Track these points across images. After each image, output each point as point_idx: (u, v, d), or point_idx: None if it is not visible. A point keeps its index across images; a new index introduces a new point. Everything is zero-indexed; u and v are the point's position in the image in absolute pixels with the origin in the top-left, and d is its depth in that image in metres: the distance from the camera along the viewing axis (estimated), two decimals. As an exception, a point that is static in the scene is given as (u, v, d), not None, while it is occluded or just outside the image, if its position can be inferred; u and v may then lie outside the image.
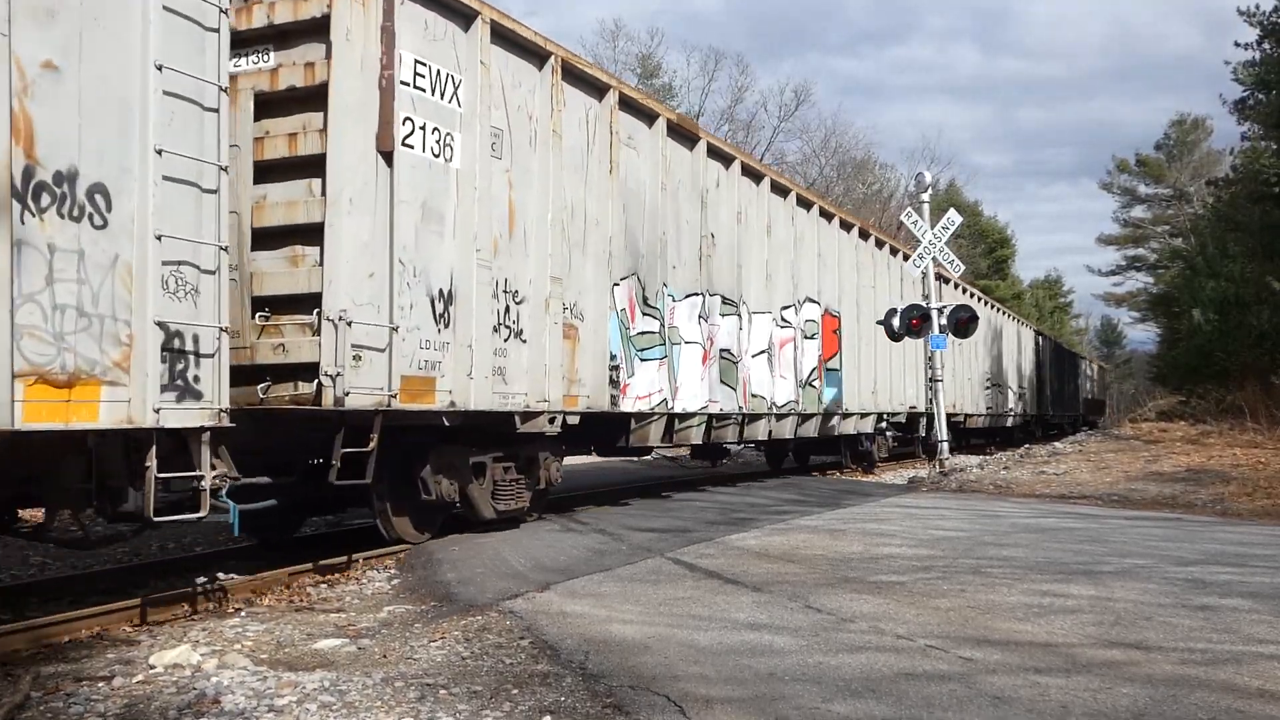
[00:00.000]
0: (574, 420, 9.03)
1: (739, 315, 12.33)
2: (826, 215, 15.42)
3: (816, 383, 14.67)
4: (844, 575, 6.53)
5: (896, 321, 16.31)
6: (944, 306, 16.59)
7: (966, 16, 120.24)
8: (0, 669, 4.59)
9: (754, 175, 13.03)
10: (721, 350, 11.85)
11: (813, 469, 17.79)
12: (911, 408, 18.88)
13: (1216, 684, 4.04)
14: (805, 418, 14.41)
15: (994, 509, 10.88)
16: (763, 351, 12.96)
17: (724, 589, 6.12)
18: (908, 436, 19.62)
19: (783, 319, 13.61)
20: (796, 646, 4.68)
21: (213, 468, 5.23)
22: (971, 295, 24.65)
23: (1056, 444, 22.02)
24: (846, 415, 15.86)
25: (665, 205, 10.57)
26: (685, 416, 11.09)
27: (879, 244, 18.14)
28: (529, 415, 8.39)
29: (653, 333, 10.37)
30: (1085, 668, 4.29)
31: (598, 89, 9.52)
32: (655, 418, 10.47)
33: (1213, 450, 16.28)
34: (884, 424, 17.82)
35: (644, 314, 10.20)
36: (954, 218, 17.08)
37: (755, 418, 12.88)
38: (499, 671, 4.39)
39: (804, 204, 14.63)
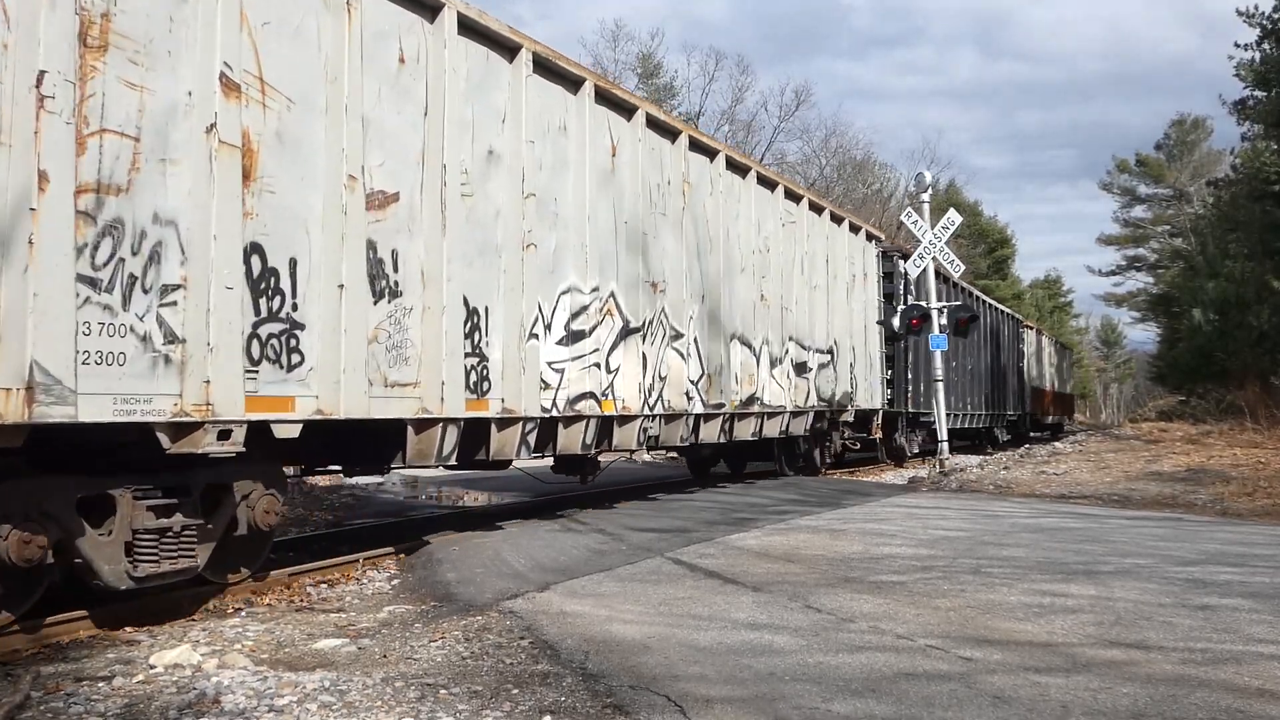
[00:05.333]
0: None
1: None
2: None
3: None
4: (844, 575, 6.53)
5: (896, 322, 16.33)
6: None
7: (968, 21, 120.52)
8: (0, 669, 4.59)
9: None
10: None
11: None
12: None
13: (1217, 684, 4.04)
14: None
15: (994, 509, 10.88)
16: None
17: (724, 589, 6.12)
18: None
19: None
20: (796, 646, 4.68)
21: None
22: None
23: (1057, 444, 22.02)
24: None
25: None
26: None
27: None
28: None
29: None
30: (1085, 667, 4.28)
31: None
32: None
33: (1213, 450, 16.26)
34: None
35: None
36: (954, 218, 17.06)
37: None
38: (499, 671, 4.39)
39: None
